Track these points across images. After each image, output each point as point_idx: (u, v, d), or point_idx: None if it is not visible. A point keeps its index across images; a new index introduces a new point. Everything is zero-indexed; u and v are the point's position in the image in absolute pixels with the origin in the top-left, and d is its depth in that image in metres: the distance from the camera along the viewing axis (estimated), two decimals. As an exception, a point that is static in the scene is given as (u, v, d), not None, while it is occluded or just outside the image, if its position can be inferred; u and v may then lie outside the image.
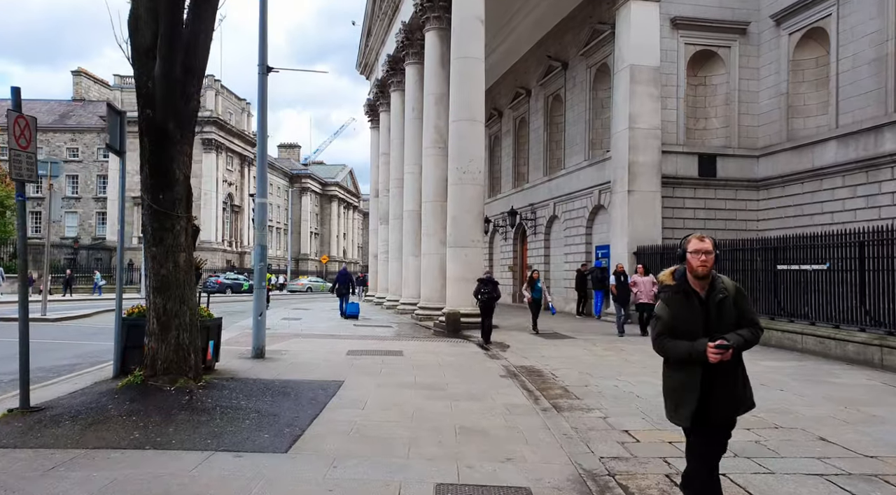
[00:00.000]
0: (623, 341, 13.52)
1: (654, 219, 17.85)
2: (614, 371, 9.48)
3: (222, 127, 55.70)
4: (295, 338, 13.49)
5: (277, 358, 10.13)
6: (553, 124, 24.17)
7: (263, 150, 10.44)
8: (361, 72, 35.06)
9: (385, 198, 29.21)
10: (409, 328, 17.28)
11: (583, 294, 20.46)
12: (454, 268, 16.78)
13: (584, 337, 14.38)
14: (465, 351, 12.06)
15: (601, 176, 20.00)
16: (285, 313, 22.05)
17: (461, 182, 16.81)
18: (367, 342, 13.12)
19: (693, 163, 18.60)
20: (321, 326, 16.75)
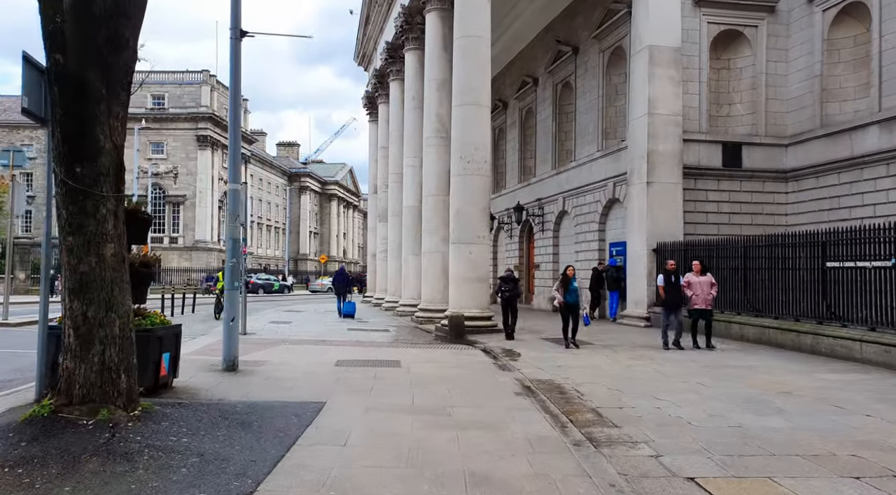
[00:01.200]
0: (658, 352, 12.01)
1: (675, 212, 16.39)
2: (649, 386, 8.01)
3: (218, 123, 54.26)
4: (280, 346, 12.03)
5: (253, 370, 8.67)
6: (562, 114, 22.70)
7: (236, 127, 8.99)
8: (359, 63, 33.62)
9: (384, 194, 27.77)
10: (409, 332, 15.83)
11: (596, 295, 18.98)
12: (458, 266, 15.33)
13: (603, 343, 12.91)
14: (471, 360, 10.60)
15: (616, 167, 18.53)
16: (276, 315, 20.60)
17: (465, 172, 15.36)
18: (360, 349, 11.66)
19: (716, 152, 17.13)
20: (312, 330, 15.31)
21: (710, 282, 11.84)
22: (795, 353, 11.12)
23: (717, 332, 13.60)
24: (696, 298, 11.74)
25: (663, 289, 12.11)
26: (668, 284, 12.06)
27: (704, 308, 11.77)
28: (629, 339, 13.54)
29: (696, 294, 11.74)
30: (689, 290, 11.81)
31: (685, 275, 12.17)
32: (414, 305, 20.13)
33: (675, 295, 11.90)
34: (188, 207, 52.54)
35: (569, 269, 12.48)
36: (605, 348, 12.16)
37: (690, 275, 12.04)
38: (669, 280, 12.06)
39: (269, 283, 51.08)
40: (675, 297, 11.91)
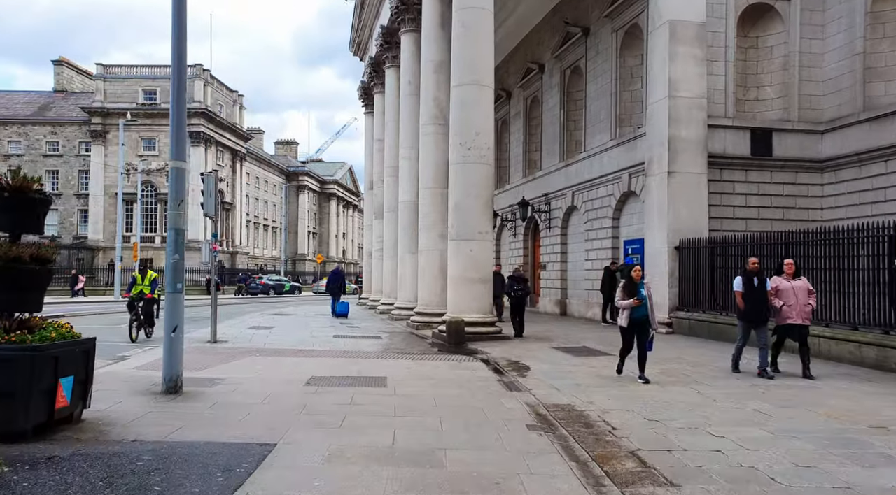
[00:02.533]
0: (695, 367, 10.31)
1: (699, 206, 14.72)
2: (696, 415, 6.34)
3: (211, 119, 52.65)
4: (251, 356, 10.37)
5: (201, 392, 7.00)
6: (571, 102, 21.02)
7: (181, 85, 7.26)
8: (355, 52, 32.00)
9: (380, 189, 26.13)
10: (403, 339, 14.16)
11: (608, 297, 17.26)
12: (457, 265, 13.67)
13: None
14: (471, 376, 8.92)
15: (631, 157, 16.85)
16: (260, 319, 18.92)
17: (465, 161, 13.70)
18: (343, 362, 9.99)
19: (744, 139, 15.44)
20: (293, 337, 13.63)
21: (807, 288, 8.87)
22: (856, 368, 9.43)
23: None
24: (789, 309, 8.75)
25: (742, 295, 9.10)
26: (749, 289, 9.02)
27: (800, 323, 8.76)
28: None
29: (787, 304, 8.76)
30: (778, 299, 8.86)
31: (772, 280, 9.06)
32: (410, 308, 18.49)
33: (758, 304, 8.92)
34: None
35: (635, 270, 8.69)
36: (627, 360, 10.46)
37: (780, 280, 8.99)
38: (751, 284, 9.01)
39: (280, 284, 51.58)
40: (760, 308, 8.94)
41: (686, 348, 11.79)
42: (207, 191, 11.60)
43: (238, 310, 26.32)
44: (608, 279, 16.95)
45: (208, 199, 11.65)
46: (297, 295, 52.58)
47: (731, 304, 13.06)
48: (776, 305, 8.86)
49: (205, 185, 11.59)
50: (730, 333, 12.60)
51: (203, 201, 11.64)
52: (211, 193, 11.66)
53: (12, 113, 53.66)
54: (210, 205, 11.70)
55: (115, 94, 50.81)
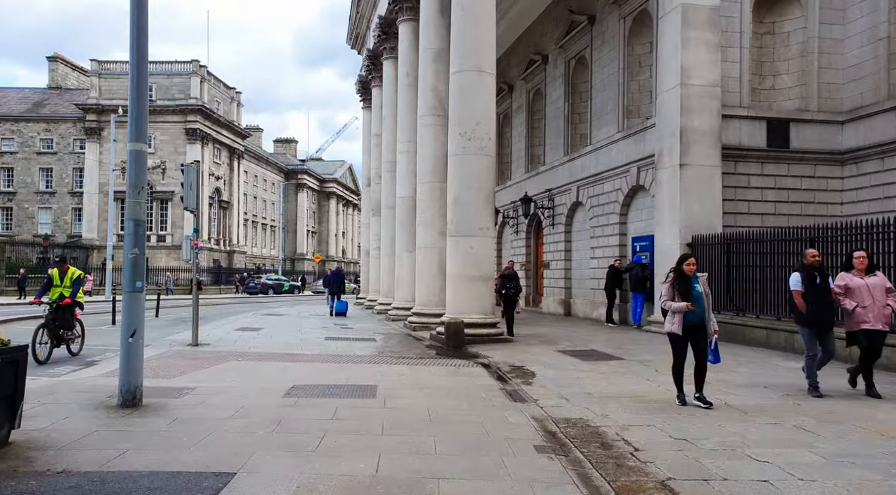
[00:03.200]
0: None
1: (712, 200, 13.88)
2: (729, 432, 5.52)
3: (208, 116, 51.83)
4: (229, 362, 9.55)
5: (163, 405, 6.19)
6: (576, 93, 20.19)
7: (141, 53, 6.38)
8: (353, 45, 31.19)
9: (377, 186, 25.31)
10: (398, 341, 13.35)
11: (613, 295, 16.44)
12: (456, 263, 12.86)
13: (635, 357, 10.41)
14: (471, 384, 8.10)
15: (640, 149, 16.03)
16: (250, 320, 18.10)
17: (465, 152, 12.88)
18: (332, 367, 9.18)
19: (760, 130, 14.60)
20: (282, 340, 12.81)
21: (885, 285, 7.15)
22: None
23: (777, 345, 11.11)
24: (864, 312, 7.06)
25: (801, 295, 7.30)
26: (810, 288, 7.28)
27: (880, 327, 7.07)
28: (663, 351, 11.00)
29: (861, 305, 7.07)
30: (849, 300, 7.16)
31: (838, 276, 7.44)
32: (408, 308, 17.69)
33: (823, 305, 7.26)
34: (177, 204, 50.01)
35: (688, 263, 6.71)
36: (641, 364, 9.66)
37: (849, 276, 7.27)
38: (812, 281, 7.29)
39: (280, 284, 50.94)
40: (824, 309, 7.27)
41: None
42: (188, 183, 10.79)
43: (230, 310, 25.54)
44: (612, 278, 16.14)
45: (188, 193, 10.84)
46: (296, 294, 51.90)
47: (749, 304, 12.27)
48: (847, 307, 7.15)
49: (185, 178, 10.79)
50: (748, 335, 11.79)
51: (183, 194, 10.83)
52: (191, 186, 10.85)
53: (6, 110, 52.91)
54: (191, 199, 10.90)
55: (110, 90, 49.98)
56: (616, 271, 16.12)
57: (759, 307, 11.91)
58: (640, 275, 15.48)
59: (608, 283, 16.38)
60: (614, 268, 16.20)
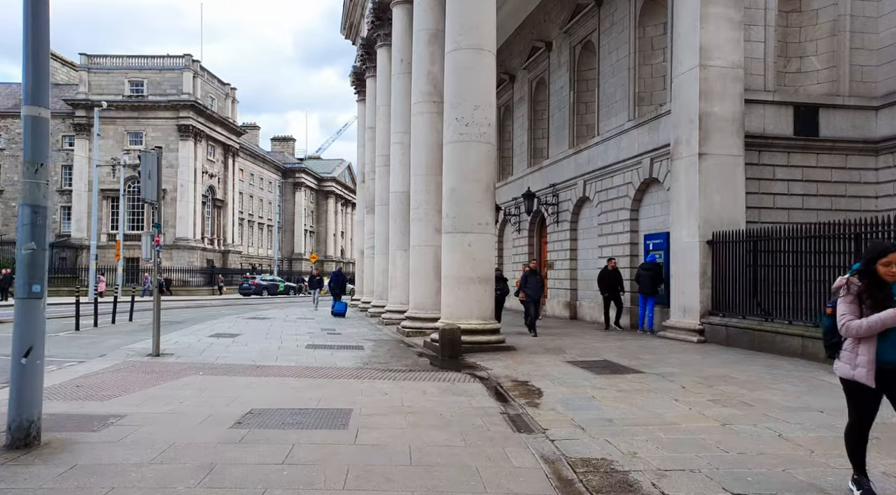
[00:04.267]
0: (766, 390, 8.15)
1: (734, 193, 12.60)
2: (799, 463, 4.21)
3: (201, 112, 50.47)
4: (189, 376, 8.26)
5: (72, 443, 4.88)
6: (582, 81, 18.89)
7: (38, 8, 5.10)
8: (346, 35, 29.91)
9: (371, 182, 24.02)
10: (388, 350, 12.05)
11: (614, 297, 15.05)
12: (452, 262, 11.57)
13: (653, 369, 9.10)
14: (467, 406, 6.80)
15: (653, 139, 14.74)
16: (229, 324, 16.77)
17: (462, 139, 11.59)
18: (304, 384, 7.89)
19: (786, 117, 13.31)
20: (257, 348, 11.50)
21: None
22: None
23: (816, 356, 9.77)
24: None
25: None
26: None
27: None
28: (685, 361, 9.72)
29: None
30: None
31: None
32: (402, 312, 16.44)
33: None
34: (168, 203, 48.73)
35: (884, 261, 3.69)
36: (662, 379, 8.35)
37: None
38: None
39: (275, 284, 49.72)
40: None
41: (731, 363, 9.64)
42: (145, 172, 9.50)
43: (214, 312, 24.25)
44: (610, 278, 14.81)
45: (147, 182, 9.55)
46: (292, 295, 50.66)
47: (779, 308, 10.95)
48: None
49: (142, 166, 9.49)
50: (779, 343, 10.47)
51: (141, 184, 9.53)
52: (150, 175, 9.55)
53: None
54: (150, 189, 9.60)
55: (99, 85, 48.69)
56: (612, 271, 14.84)
57: (791, 311, 10.61)
58: (654, 276, 14.18)
59: (608, 284, 14.98)
60: (606, 270, 14.95)
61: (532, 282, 14.10)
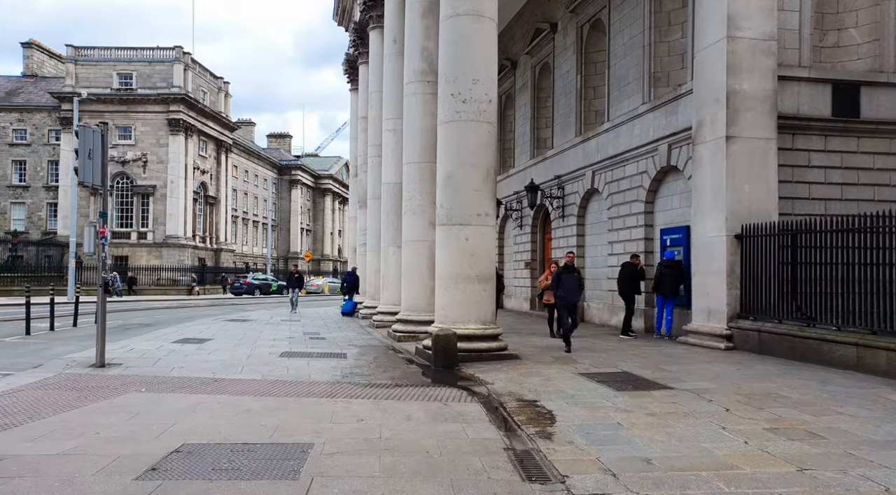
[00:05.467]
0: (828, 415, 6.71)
1: (766, 182, 11.18)
2: None
3: (192, 106, 48.94)
4: (126, 395, 6.83)
5: None
6: (590, 64, 17.44)
7: None
8: (340, 22, 28.47)
9: (364, 174, 22.56)
10: (375, 358, 10.61)
11: (631, 300, 13.52)
12: (448, 259, 10.14)
13: (683, 383, 7.67)
14: (460, 438, 5.37)
15: (671, 123, 13.30)
16: (204, 327, 15.29)
17: (459, 118, 10.15)
18: (262, 405, 6.45)
19: (823, 95, 11.86)
20: (224, 356, 10.05)
21: None
22: None
23: (876, 369, 8.31)
24: None
25: None
26: None
27: None
28: (718, 374, 8.27)
29: None
30: None
31: None
32: (394, 313, 14.98)
33: None
34: (158, 199, 47.26)
35: None
36: (698, 398, 6.91)
37: None
38: None
39: (267, 284, 48.31)
40: None
41: (773, 376, 8.20)
42: (84, 151, 8.05)
43: (195, 313, 22.79)
44: (628, 277, 13.25)
45: (86, 163, 8.10)
46: (285, 294, 49.24)
47: (825, 312, 9.49)
48: None
49: (80, 143, 8.03)
50: (827, 353, 9.02)
51: (79, 164, 8.07)
52: (90, 154, 8.10)
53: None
54: (89, 171, 8.15)
55: (87, 78, 47.17)
56: (634, 270, 13.28)
57: (839, 316, 9.16)
58: (674, 275, 12.74)
59: (625, 285, 13.40)
60: (632, 267, 13.36)
61: (568, 281, 10.95)
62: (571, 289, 10.91)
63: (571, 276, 11.05)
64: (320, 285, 53.14)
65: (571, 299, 10.94)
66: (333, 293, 47.91)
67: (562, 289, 10.88)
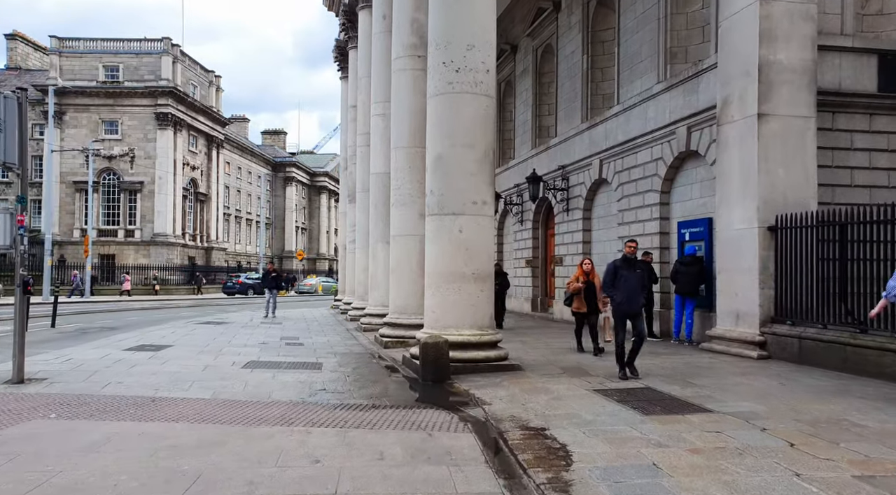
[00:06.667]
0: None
1: (804, 166, 9.78)
2: None
3: (182, 100, 47.44)
4: (31, 422, 5.44)
5: None
6: (597, 43, 16.00)
7: None
8: (329, 7, 27.01)
9: (353, 166, 21.14)
10: (354, 369, 9.17)
11: (650, 301, 12.15)
12: (439, 254, 8.72)
13: (723, 403, 6.25)
14: (446, 492, 3.92)
15: (691, 103, 11.88)
16: (168, 331, 13.80)
17: (451, 89, 8.72)
18: (197, 436, 5.04)
19: (868, 68, 10.47)
20: (175, 369, 8.58)
21: None
22: None
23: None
24: None
25: None
26: None
27: None
28: (760, 391, 6.83)
29: None
30: None
31: None
32: (383, 315, 13.55)
33: None
34: (146, 196, 45.75)
35: None
36: (748, 425, 5.48)
37: None
38: None
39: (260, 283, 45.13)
40: None
41: (829, 394, 6.77)
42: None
43: (171, 315, 21.30)
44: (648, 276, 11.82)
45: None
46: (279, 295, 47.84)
47: (881, 317, 8.10)
48: None
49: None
50: (888, 365, 7.58)
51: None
52: (3, 126, 6.65)
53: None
54: (2, 146, 6.70)
55: (72, 70, 45.67)
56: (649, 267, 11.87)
57: (901, 321, 7.74)
58: (696, 273, 11.32)
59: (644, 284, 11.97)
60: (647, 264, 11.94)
61: (629, 279, 7.71)
62: (632, 290, 7.66)
63: (633, 273, 7.76)
64: (314, 284, 51.66)
65: (631, 308, 7.69)
66: (328, 292, 46.44)
67: (619, 291, 7.65)
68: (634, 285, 7.72)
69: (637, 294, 7.76)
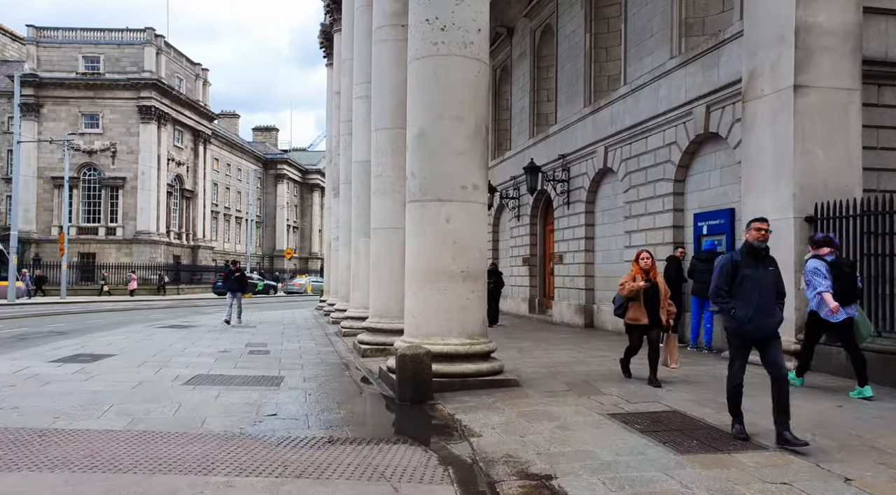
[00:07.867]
0: None
1: (847, 147, 8.47)
2: None
3: (166, 93, 45.82)
4: None
5: None
6: (601, 19, 14.61)
7: None
8: (315, -10, 25.52)
9: (338, 157, 19.68)
10: (319, 385, 7.74)
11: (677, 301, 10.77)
12: (421, 247, 7.32)
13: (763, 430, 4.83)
14: None
15: (709, 79, 10.50)
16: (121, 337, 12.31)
17: (436, 51, 7.31)
18: (76, 492, 3.58)
19: (917, 36, 9.09)
20: (101, 386, 7.12)
21: None
22: None
23: None
24: None
25: None
26: None
27: None
28: (811, 415, 5.45)
29: None
30: None
31: None
32: (364, 318, 12.11)
33: None
34: (129, 192, 44.11)
35: None
36: (812, 466, 4.10)
37: None
38: None
39: (253, 283, 44.34)
40: None
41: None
42: None
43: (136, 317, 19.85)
44: (676, 275, 10.47)
45: None
46: (271, 295, 46.42)
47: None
48: None
49: None
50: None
51: None
52: None
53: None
54: None
55: (50, 61, 43.98)
56: (677, 264, 10.55)
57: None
58: (709, 272, 9.89)
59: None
60: (676, 260, 10.63)
61: (756, 280, 4.97)
62: (764, 299, 4.96)
63: (764, 272, 5.01)
64: (303, 284, 50.14)
65: (763, 327, 4.96)
66: (317, 292, 45.02)
67: (741, 301, 4.95)
68: (766, 291, 4.95)
69: (772, 305, 4.97)
